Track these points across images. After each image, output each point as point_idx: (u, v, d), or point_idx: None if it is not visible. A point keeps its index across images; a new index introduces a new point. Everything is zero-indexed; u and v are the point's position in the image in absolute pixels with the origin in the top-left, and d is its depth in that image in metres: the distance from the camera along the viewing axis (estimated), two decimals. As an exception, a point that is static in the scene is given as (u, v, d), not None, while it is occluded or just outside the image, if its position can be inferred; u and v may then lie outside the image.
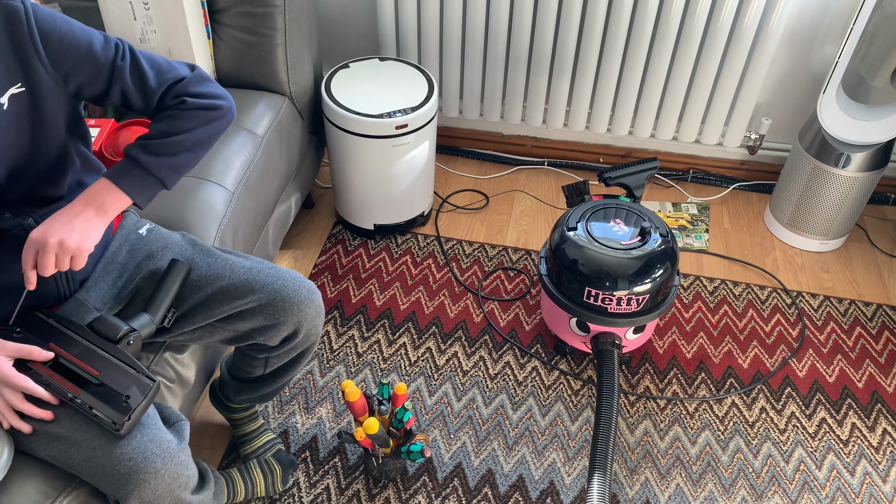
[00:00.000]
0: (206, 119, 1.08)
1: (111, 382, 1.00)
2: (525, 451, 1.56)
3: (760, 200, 2.22)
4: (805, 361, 1.76)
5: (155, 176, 1.05)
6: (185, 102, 1.07)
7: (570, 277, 1.57)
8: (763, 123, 2.08)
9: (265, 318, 1.18)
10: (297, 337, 1.23)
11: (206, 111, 1.08)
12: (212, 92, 1.10)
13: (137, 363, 1.03)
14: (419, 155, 1.87)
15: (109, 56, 1.03)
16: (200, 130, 1.08)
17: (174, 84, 1.08)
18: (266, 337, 1.21)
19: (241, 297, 1.17)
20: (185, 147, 1.07)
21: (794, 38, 1.93)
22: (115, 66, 1.04)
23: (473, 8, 1.93)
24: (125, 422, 0.97)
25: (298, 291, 1.19)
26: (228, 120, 1.12)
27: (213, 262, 1.20)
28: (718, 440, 1.60)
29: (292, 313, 1.19)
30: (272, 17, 1.63)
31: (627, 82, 2.00)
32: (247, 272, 1.18)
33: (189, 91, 1.08)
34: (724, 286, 1.94)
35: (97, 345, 1.04)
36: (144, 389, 1.00)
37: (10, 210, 1.04)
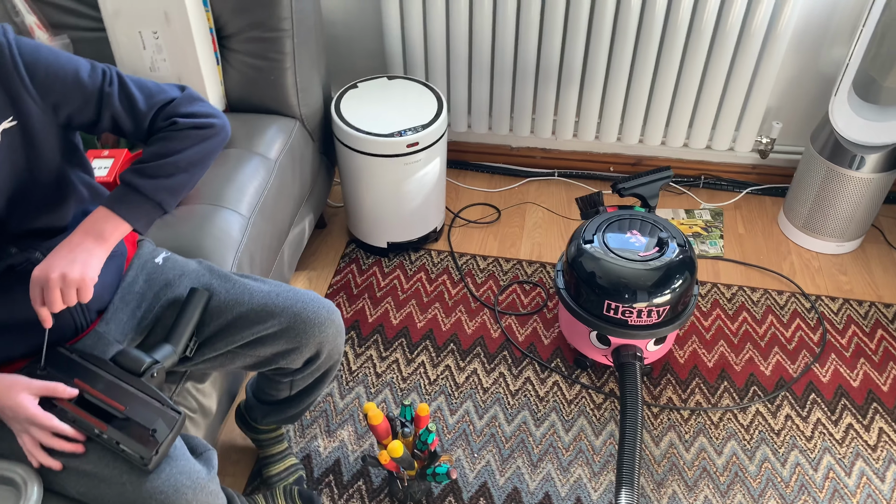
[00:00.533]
0: (198, 138, 1.07)
1: (137, 416, 1.00)
2: (550, 468, 1.55)
3: (774, 204, 2.21)
4: (828, 366, 1.74)
5: (152, 199, 1.04)
6: (176, 123, 1.06)
7: (588, 290, 1.56)
8: (774, 127, 2.07)
9: (287, 342, 1.17)
10: (319, 358, 1.23)
11: (198, 130, 1.07)
12: (202, 111, 1.09)
13: (162, 396, 1.02)
14: (430, 171, 1.87)
15: (97, 83, 1.03)
16: (194, 150, 1.06)
17: (164, 106, 1.07)
18: (289, 360, 1.20)
19: (262, 322, 1.16)
20: (180, 168, 1.06)
21: (803, 41, 1.93)
22: (102, 92, 1.03)
23: (479, 23, 1.94)
24: (153, 456, 0.97)
25: (318, 312, 1.19)
26: (223, 138, 1.11)
27: (231, 288, 1.19)
28: (745, 449, 1.58)
29: (314, 335, 1.18)
30: (281, 41, 1.64)
31: (636, 90, 2.00)
32: (265, 296, 1.18)
33: (179, 111, 1.07)
34: (742, 292, 1.93)
35: (121, 379, 1.03)
36: (171, 422, 1.00)
37: (15, 245, 1.04)
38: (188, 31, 1.56)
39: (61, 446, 0.98)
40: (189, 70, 1.62)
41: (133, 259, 1.23)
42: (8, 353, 1.06)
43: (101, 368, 1.04)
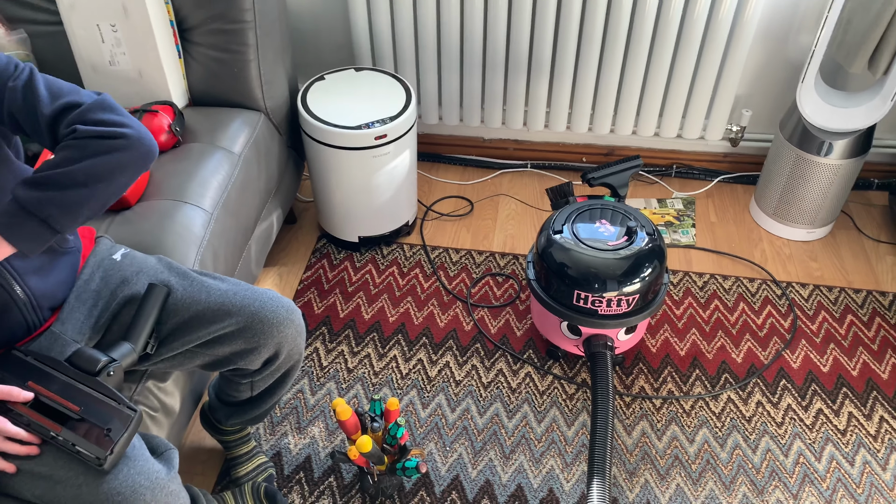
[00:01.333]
0: (101, 149, 0.94)
1: (92, 417, 0.97)
2: (522, 460, 1.54)
3: (745, 192, 2.21)
4: (798, 352, 1.75)
5: (36, 216, 0.92)
6: (76, 131, 0.94)
7: (558, 281, 1.55)
8: (744, 115, 2.07)
9: (244, 342, 1.15)
10: (278, 358, 1.21)
11: (102, 140, 0.95)
12: (112, 119, 0.97)
13: (118, 395, 1.00)
14: (400, 164, 1.85)
15: (4, 76, 0.96)
16: (96, 161, 0.94)
17: (67, 109, 0.96)
18: (247, 361, 1.18)
19: (219, 321, 1.14)
20: (77, 181, 0.93)
21: (770, 29, 1.93)
22: (5, 86, 0.95)
23: (447, 13, 1.92)
24: (107, 456, 0.94)
25: (277, 312, 1.16)
26: (137, 152, 0.98)
27: (189, 286, 1.17)
28: (716, 437, 1.58)
29: (272, 335, 1.16)
30: (243, 32, 1.61)
31: (606, 81, 1.99)
32: (223, 295, 1.15)
33: (85, 118, 0.95)
34: (714, 280, 1.93)
35: (77, 379, 1.01)
36: (126, 420, 0.98)
37: None
38: (147, 23, 1.53)
39: (15, 450, 0.95)
40: (150, 64, 1.59)
41: (89, 256, 1.20)
42: None
43: (56, 369, 1.02)
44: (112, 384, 1.02)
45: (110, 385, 1.02)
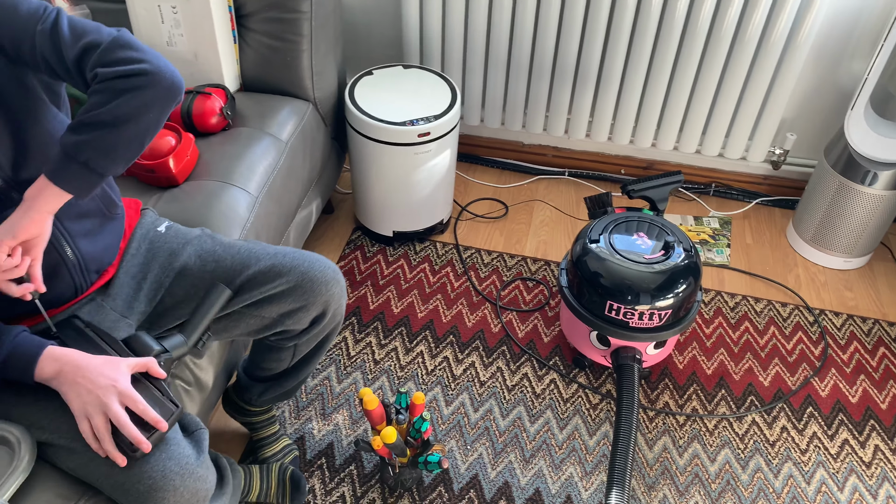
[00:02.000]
0: (124, 88, 0.95)
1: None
2: (542, 465, 1.55)
3: (783, 216, 2.19)
4: (828, 381, 1.73)
5: (76, 159, 0.95)
6: (98, 75, 0.95)
7: (591, 290, 1.56)
8: (788, 138, 2.05)
9: (294, 301, 1.18)
10: (325, 317, 1.24)
11: (122, 79, 0.95)
12: (130, 57, 0.96)
13: (164, 387, 1.01)
14: (440, 163, 1.87)
15: (32, 19, 0.96)
16: (119, 102, 0.95)
17: (89, 51, 0.96)
18: (295, 320, 1.21)
19: (270, 282, 1.17)
20: (106, 123, 0.95)
21: (823, 53, 1.91)
22: (35, 30, 0.96)
23: (498, 17, 1.93)
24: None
25: (325, 272, 1.20)
26: (160, 87, 0.98)
27: (236, 254, 1.19)
28: (738, 458, 1.57)
29: (321, 293, 1.19)
30: (299, 22, 1.64)
31: (652, 94, 1.99)
32: (272, 258, 1.18)
33: (103, 60, 0.96)
34: (746, 302, 1.92)
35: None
36: (167, 414, 0.98)
37: (18, 192, 1.01)
38: (207, 7, 1.56)
39: (136, 438, 0.94)
40: (206, 47, 1.62)
41: (135, 228, 1.23)
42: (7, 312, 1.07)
43: (112, 347, 1.04)
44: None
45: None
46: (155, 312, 1.19)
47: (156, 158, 1.43)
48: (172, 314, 1.20)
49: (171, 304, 1.19)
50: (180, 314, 1.19)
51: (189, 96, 1.57)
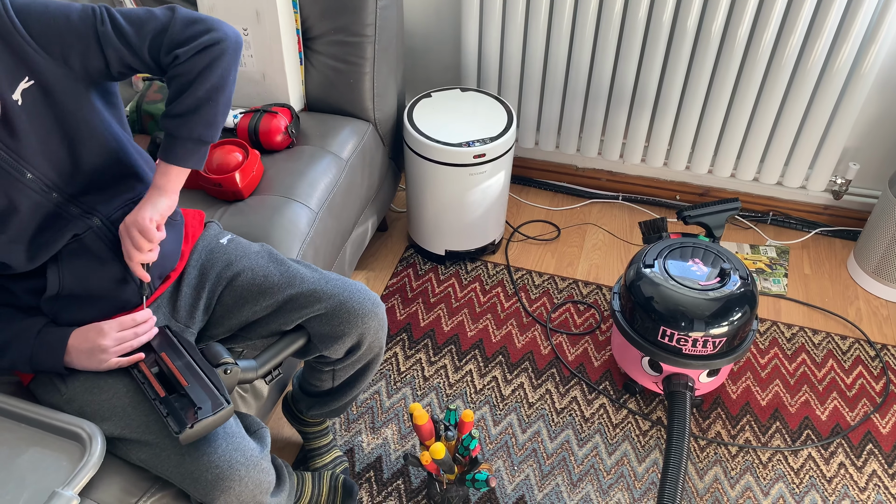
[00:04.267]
0: (207, 61, 1.03)
1: (193, 394, 1.03)
2: (589, 489, 1.54)
3: (844, 247, 2.14)
4: (889, 418, 1.68)
5: (189, 138, 1.06)
6: (178, 57, 1.02)
7: (644, 315, 1.55)
8: (850, 168, 2.01)
9: (330, 328, 1.21)
10: (360, 348, 1.26)
11: (203, 53, 1.03)
12: (200, 30, 1.03)
13: (223, 387, 1.06)
14: (494, 184, 1.89)
15: (89, 24, 1.00)
16: (207, 75, 1.03)
17: (158, 35, 1.03)
18: (331, 350, 1.23)
19: (309, 306, 1.20)
20: (202, 99, 1.04)
21: (888, 82, 1.88)
22: (97, 32, 1.00)
23: (556, 42, 1.96)
24: (186, 428, 0.98)
25: (363, 304, 1.22)
26: (233, 49, 1.06)
27: (285, 272, 1.23)
28: (793, 493, 1.53)
29: (356, 325, 1.21)
30: (363, 46, 1.69)
31: (710, 120, 1.98)
32: (315, 282, 1.22)
33: (176, 41, 1.03)
34: (803, 333, 1.87)
35: (199, 364, 1.08)
36: (216, 406, 1.02)
37: (75, 204, 1.07)
38: (276, 30, 1.63)
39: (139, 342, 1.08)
40: (274, 68, 1.69)
41: (198, 240, 1.28)
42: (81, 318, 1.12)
43: (188, 351, 1.10)
44: (224, 381, 1.09)
45: (223, 381, 1.08)
46: (209, 322, 1.24)
47: (223, 173, 1.50)
48: (221, 324, 1.25)
49: (220, 314, 1.24)
50: (229, 324, 1.24)
51: (256, 115, 1.63)
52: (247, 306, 1.22)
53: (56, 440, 1.04)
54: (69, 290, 1.09)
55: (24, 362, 1.06)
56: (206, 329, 1.25)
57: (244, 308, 1.22)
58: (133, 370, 1.07)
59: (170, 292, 1.22)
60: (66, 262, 1.08)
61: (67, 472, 1.00)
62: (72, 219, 1.06)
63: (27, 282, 1.08)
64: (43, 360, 1.06)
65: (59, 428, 1.04)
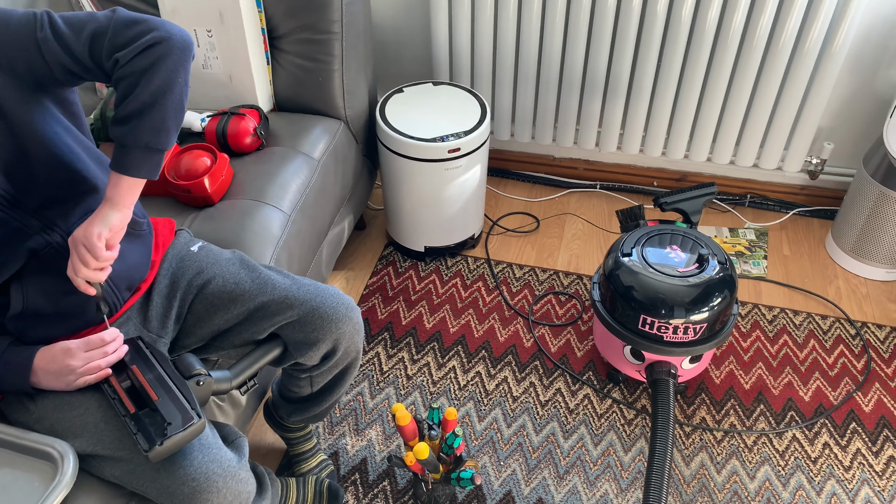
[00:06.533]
0: (149, 62, 0.96)
1: (163, 408, 1.01)
2: (577, 481, 1.53)
3: (822, 227, 2.15)
4: (871, 396, 1.68)
5: (137, 145, 0.99)
6: (118, 60, 0.96)
7: (624, 304, 1.54)
8: (825, 148, 2.02)
9: (303, 335, 1.19)
10: (336, 354, 1.24)
11: (144, 53, 0.96)
12: (140, 30, 0.97)
13: (195, 401, 1.03)
14: (471, 178, 1.88)
15: (29, 30, 0.96)
16: (150, 77, 0.97)
17: (98, 38, 0.97)
18: (306, 357, 1.21)
19: (281, 314, 1.18)
20: (147, 102, 0.97)
21: (860, 61, 1.88)
22: (37, 39, 0.96)
23: (527, 32, 1.94)
24: (155, 446, 0.96)
25: (336, 309, 1.20)
26: (179, 48, 0.99)
27: (256, 278, 1.21)
28: (779, 476, 1.54)
29: (330, 330, 1.19)
30: (330, 43, 1.67)
31: (684, 105, 1.97)
32: (286, 289, 1.19)
33: (116, 44, 0.97)
34: (784, 315, 1.88)
35: (170, 376, 1.06)
36: (186, 421, 0.99)
37: (35, 218, 1.04)
38: (241, 30, 1.60)
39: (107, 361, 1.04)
40: (240, 69, 1.66)
41: (169, 249, 1.25)
42: (48, 335, 1.09)
43: (159, 362, 1.08)
44: (197, 394, 1.06)
45: (194, 393, 1.06)
46: (181, 331, 1.22)
47: (191, 179, 1.47)
48: (193, 333, 1.22)
49: (192, 322, 1.22)
50: (201, 333, 1.22)
51: (224, 117, 1.60)
52: (218, 314, 1.20)
53: (27, 460, 1.02)
54: (34, 307, 1.06)
55: None
56: (179, 339, 1.23)
57: (216, 316, 1.20)
58: (103, 385, 1.05)
59: (140, 302, 1.20)
60: (30, 280, 1.05)
61: (40, 492, 0.98)
62: (32, 233, 1.03)
63: None
64: (8, 381, 1.04)
65: (30, 448, 1.02)
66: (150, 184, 1.47)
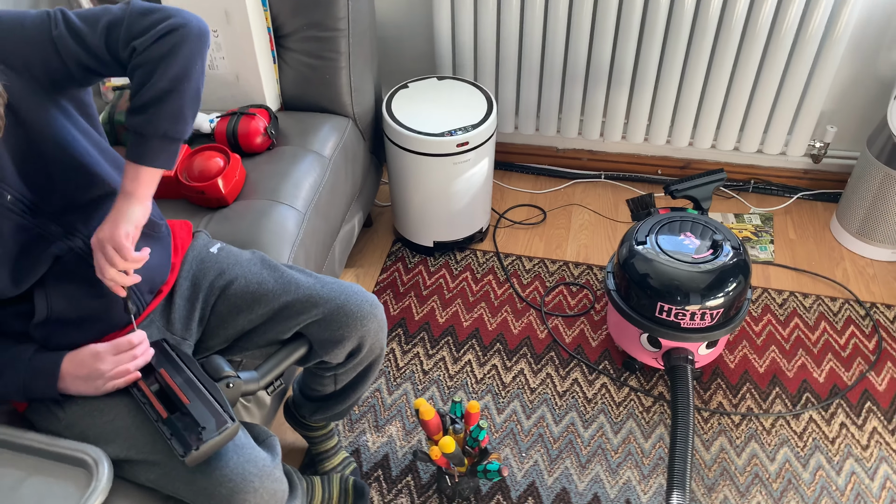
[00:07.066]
0: (167, 48, 0.96)
1: (196, 412, 1.00)
2: (599, 470, 1.54)
3: (826, 210, 2.17)
4: (884, 375, 1.70)
5: (155, 134, 0.98)
6: (136, 49, 0.96)
7: (640, 292, 1.55)
8: (828, 131, 2.03)
9: (329, 333, 1.18)
10: (361, 351, 1.24)
11: (162, 40, 0.96)
12: (157, 18, 0.97)
13: (226, 404, 1.03)
14: (479, 171, 1.88)
15: (44, 29, 0.96)
16: (169, 64, 0.96)
17: (112, 30, 0.97)
18: (331, 355, 1.21)
19: (306, 312, 1.18)
20: (165, 90, 0.96)
21: (861, 44, 1.89)
22: (52, 37, 0.96)
23: (530, 24, 1.94)
24: (192, 451, 0.96)
25: (361, 306, 1.19)
26: (196, 35, 0.99)
27: (279, 278, 1.21)
28: (798, 457, 1.55)
29: (355, 328, 1.19)
30: (336, 40, 1.66)
31: (688, 92, 1.98)
32: (310, 288, 1.19)
33: (133, 32, 0.96)
34: (794, 298, 1.89)
35: (200, 379, 1.05)
36: (221, 425, 0.99)
37: (56, 223, 1.03)
38: (247, 30, 1.59)
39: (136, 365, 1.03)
40: (247, 68, 1.65)
41: (188, 251, 1.25)
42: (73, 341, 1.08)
43: (187, 365, 1.07)
44: (227, 396, 1.06)
45: (225, 395, 1.06)
46: (204, 333, 1.21)
47: (205, 180, 1.46)
48: (217, 335, 1.22)
49: (215, 324, 1.21)
50: (225, 335, 1.21)
51: (233, 118, 1.60)
52: (242, 315, 1.20)
53: (60, 468, 1.01)
54: (58, 314, 1.05)
55: (17, 392, 1.02)
56: (203, 341, 1.22)
57: (239, 317, 1.20)
58: (132, 389, 1.04)
59: (163, 306, 1.19)
60: (53, 286, 1.04)
61: (76, 499, 0.98)
62: (54, 239, 1.02)
63: (14, 308, 1.04)
64: (36, 388, 1.03)
65: (63, 455, 1.01)
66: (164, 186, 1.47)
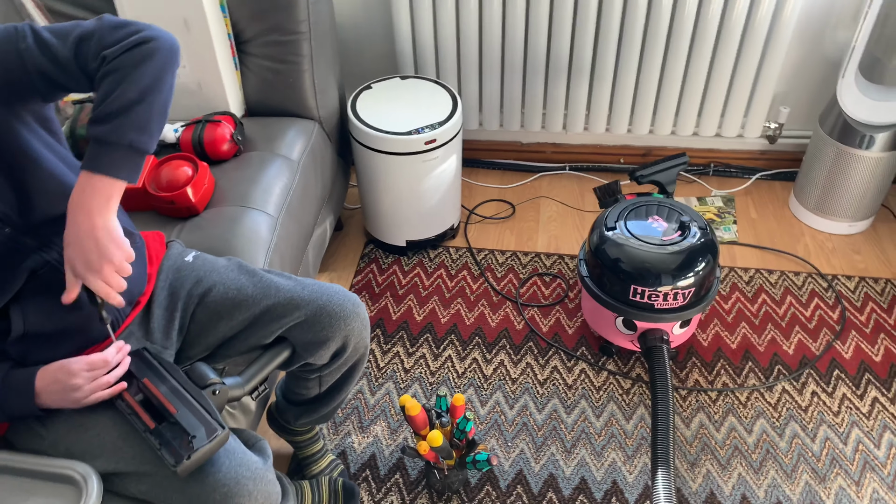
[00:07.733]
0: (137, 60, 0.94)
1: (184, 421, 0.99)
2: (584, 454, 1.57)
3: (784, 188, 2.24)
4: (849, 343, 1.76)
5: (120, 144, 0.94)
6: (106, 58, 0.94)
7: (613, 277, 1.58)
8: (781, 112, 2.10)
9: (312, 335, 1.18)
10: (346, 351, 1.24)
11: (131, 52, 0.94)
12: (128, 31, 0.96)
13: (214, 411, 1.02)
14: (447, 168, 1.89)
15: (10, 43, 0.94)
16: (138, 74, 0.94)
17: (82, 42, 0.96)
18: (316, 356, 1.21)
19: (288, 315, 1.17)
20: (133, 99, 0.94)
21: (807, 27, 1.96)
22: (19, 50, 0.94)
23: (489, 20, 1.96)
24: (183, 461, 0.95)
25: (343, 306, 1.19)
26: (167, 49, 0.97)
27: (258, 282, 1.20)
28: (774, 427, 1.60)
29: (339, 328, 1.19)
30: (298, 43, 1.66)
31: (646, 81, 2.03)
32: (290, 291, 1.19)
33: (105, 43, 0.95)
34: (760, 275, 1.95)
35: (185, 387, 1.04)
36: (211, 433, 0.98)
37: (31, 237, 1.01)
38: (208, 37, 1.58)
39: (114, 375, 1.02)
40: (209, 76, 1.64)
41: (163, 261, 1.23)
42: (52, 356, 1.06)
43: (171, 374, 1.06)
44: (214, 402, 1.05)
45: (212, 402, 1.05)
46: (185, 342, 1.20)
47: (174, 189, 1.44)
48: (198, 343, 1.21)
49: (195, 332, 1.20)
50: (206, 342, 1.20)
51: (198, 126, 1.58)
52: (222, 322, 1.19)
53: (48, 486, 0.99)
54: (35, 329, 1.03)
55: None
56: (184, 350, 1.21)
57: (220, 324, 1.19)
58: (117, 400, 1.03)
59: (141, 317, 1.17)
60: (29, 301, 1.02)
61: (66, 517, 0.96)
62: (29, 252, 1.00)
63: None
64: (13, 405, 1.01)
65: (50, 473, 0.99)
66: (132, 198, 1.46)
